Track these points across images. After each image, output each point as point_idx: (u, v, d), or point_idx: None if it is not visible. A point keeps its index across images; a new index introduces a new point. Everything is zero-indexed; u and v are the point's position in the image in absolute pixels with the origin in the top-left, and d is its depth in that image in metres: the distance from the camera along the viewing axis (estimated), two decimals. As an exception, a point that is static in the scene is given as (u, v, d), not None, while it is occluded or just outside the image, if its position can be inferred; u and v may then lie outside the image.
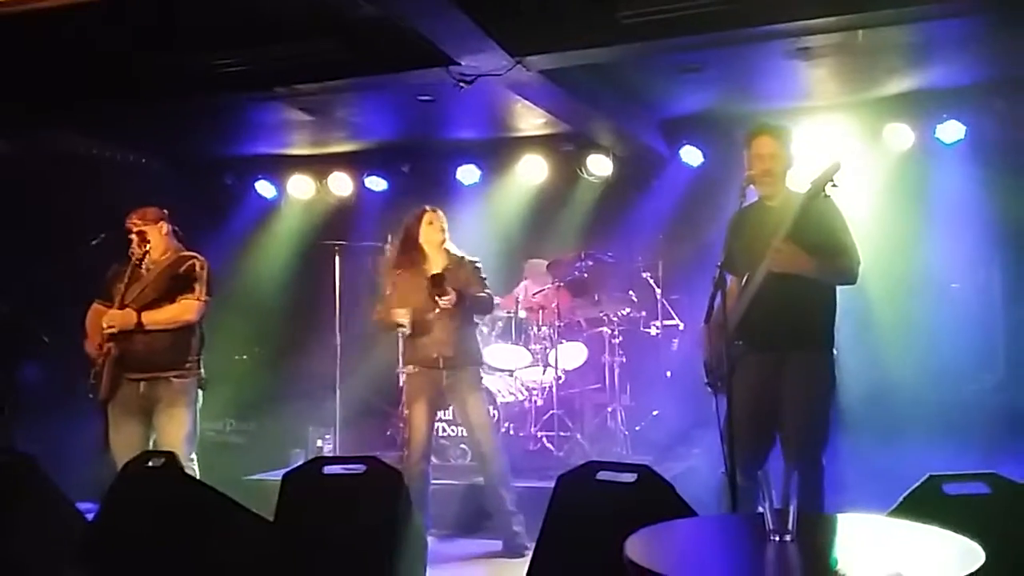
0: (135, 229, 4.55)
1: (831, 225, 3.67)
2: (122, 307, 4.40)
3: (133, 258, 4.48)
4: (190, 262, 4.57)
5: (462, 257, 4.95)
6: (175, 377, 4.45)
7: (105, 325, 4.37)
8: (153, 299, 4.45)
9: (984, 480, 2.51)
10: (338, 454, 6.38)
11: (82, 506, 3.74)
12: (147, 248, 4.51)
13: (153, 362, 4.43)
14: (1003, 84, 5.98)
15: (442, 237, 4.92)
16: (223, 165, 7.99)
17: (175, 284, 4.50)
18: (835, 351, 3.77)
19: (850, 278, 3.71)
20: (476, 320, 5.16)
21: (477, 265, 4.99)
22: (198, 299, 4.51)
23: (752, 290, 3.60)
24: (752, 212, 3.82)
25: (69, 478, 3.81)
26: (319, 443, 6.77)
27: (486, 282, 4.98)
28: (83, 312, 4.61)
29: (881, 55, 5.52)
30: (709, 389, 3.87)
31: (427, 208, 5.00)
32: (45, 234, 6.46)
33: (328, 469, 3.17)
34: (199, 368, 4.58)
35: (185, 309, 4.48)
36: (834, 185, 3.49)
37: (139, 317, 4.38)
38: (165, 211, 4.67)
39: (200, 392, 4.59)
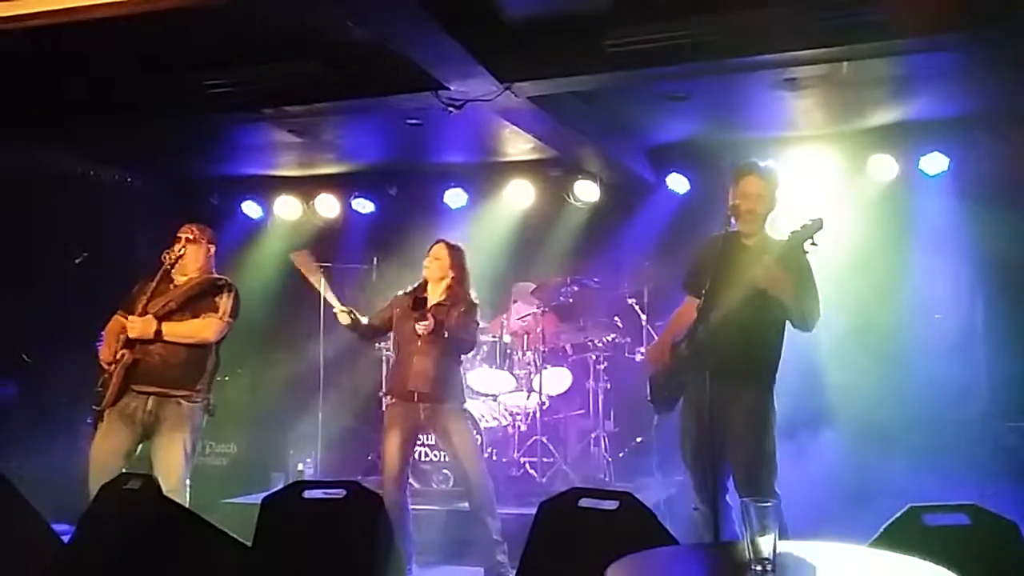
0: (186, 236, 4.53)
1: (803, 275, 3.75)
2: (143, 315, 4.35)
3: (165, 263, 4.43)
4: (220, 282, 4.57)
5: (463, 298, 4.86)
6: (183, 399, 4.38)
7: (129, 331, 4.31)
8: (176, 311, 4.40)
9: (964, 511, 2.51)
10: (319, 478, 6.34)
11: (58, 527, 3.69)
12: (182, 254, 4.47)
13: (165, 377, 4.35)
14: (986, 117, 6.06)
15: (440, 273, 4.86)
16: (210, 185, 7.97)
17: (201, 301, 4.46)
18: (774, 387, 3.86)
19: (812, 323, 3.79)
20: (461, 358, 5.07)
21: (472, 309, 4.88)
22: (221, 318, 4.47)
23: (717, 321, 3.62)
24: (727, 244, 3.78)
25: (46, 499, 3.77)
26: (300, 467, 6.72)
27: (477, 326, 4.92)
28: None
29: (866, 87, 5.58)
30: (655, 407, 4.01)
31: (438, 241, 4.98)
32: (27, 252, 6.42)
33: (308, 493, 3.13)
34: (208, 392, 4.51)
35: (206, 326, 4.44)
36: (813, 243, 3.54)
37: (159, 326, 4.33)
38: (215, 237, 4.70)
39: (206, 417, 4.51)
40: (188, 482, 4.40)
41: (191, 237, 4.53)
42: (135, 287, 4.56)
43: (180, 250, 4.48)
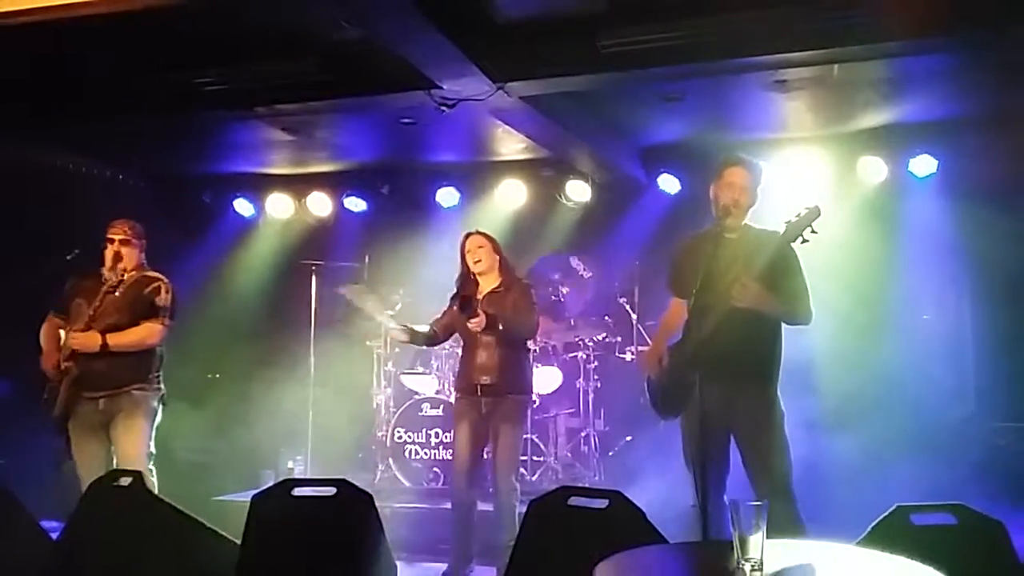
0: (120, 238, 4.51)
1: (790, 269, 3.73)
2: (88, 328, 4.37)
3: (107, 283, 4.42)
4: (155, 284, 4.55)
5: (516, 280, 4.89)
6: (136, 390, 4.44)
7: (71, 347, 4.34)
8: (116, 321, 4.42)
9: (951, 511, 2.53)
10: (309, 476, 6.34)
11: (47, 524, 3.69)
12: (122, 267, 4.47)
13: (113, 380, 4.42)
14: (975, 120, 6.09)
15: (487, 263, 4.84)
16: (201, 182, 7.96)
17: (140, 307, 4.48)
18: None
19: (804, 320, 3.79)
20: (528, 345, 5.05)
21: (528, 291, 4.90)
22: (163, 323, 4.51)
23: (712, 322, 3.60)
24: (710, 241, 3.75)
25: (35, 496, 3.76)
26: (290, 464, 6.72)
27: (533, 310, 4.86)
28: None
29: (856, 89, 5.61)
30: (659, 412, 3.94)
31: (469, 233, 4.96)
32: (18, 248, 6.39)
33: (298, 491, 3.14)
34: (159, 384, 4.57)
35: (151, 333, 4.48)
36: (813, 231, 3.51)
37: (104, 340, 4.35)
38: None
39: (160, 407, 4.57)
40: (152, 468, 4.44)
41: (124, 239, 4.53)
42: (67, 285, 4.58)
43: (110, 260, 4.48)
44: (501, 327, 4.65)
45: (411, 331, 4.85)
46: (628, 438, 6.66)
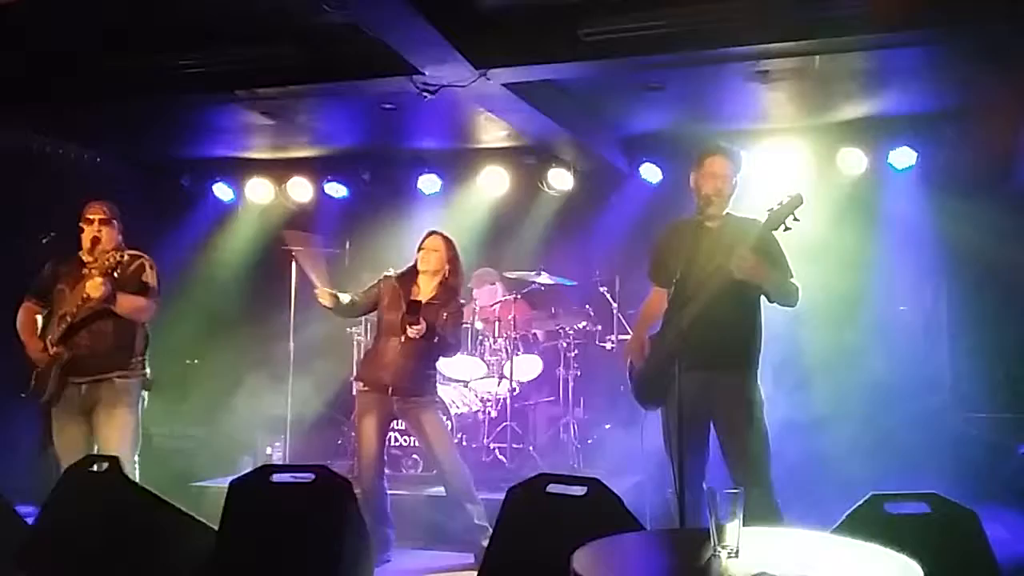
0: (99, 217, 4.45)
1: (774, 256, 3.77)
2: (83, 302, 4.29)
3: (107, 264, 4.33)
4: (139, 261, 4.50)
5: (453, 299, 4.86)
6: (118, 377, 4.40)
7: (86, 295, 4.24)
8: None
9: (925, 500, 2.56)
10: (288, 462, 6.32)
11: (22, 509, 3.66)
12: (101, 248, 4.40)
13: (96, 365, 4.38)
14: (954, 113, 6.14)
15: (436, 266, 4.84)
16: (180, 166, 7.89)
17: (129, 286, 4.41)
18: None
19: (794, 300, 3.82)
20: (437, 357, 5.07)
21: (461, 310, 4.93)
22: (155, 301, 4.48)
23: (693, 311, 3.62)
24: (690, 231, 3.75)
25: (8, 480, 3.73)
26: (269, 450, 6.70)
27: (460, 329, 4.91)
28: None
29: (837, 81, 5.64)
30: (641, 402, 3.95)
31: (432, 232, 4.96)
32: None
33: (276, 477, 3.13)
34: (144, 368, 4.52)
35: (147, 307, 4.46)
36: (796, 219, 3.53)
37: (114, 293, 4.26)
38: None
39: (145, 393, 4.53)
40: (136, 459, 4.41)
41: (104, 218, 4.47)
42: (46, 271, 4.51)
43: (87, 242, 4.42)
44: (436, 340, 4.67)
45: (335, 298, 4.80)
46: (607, 426, 6.69)
